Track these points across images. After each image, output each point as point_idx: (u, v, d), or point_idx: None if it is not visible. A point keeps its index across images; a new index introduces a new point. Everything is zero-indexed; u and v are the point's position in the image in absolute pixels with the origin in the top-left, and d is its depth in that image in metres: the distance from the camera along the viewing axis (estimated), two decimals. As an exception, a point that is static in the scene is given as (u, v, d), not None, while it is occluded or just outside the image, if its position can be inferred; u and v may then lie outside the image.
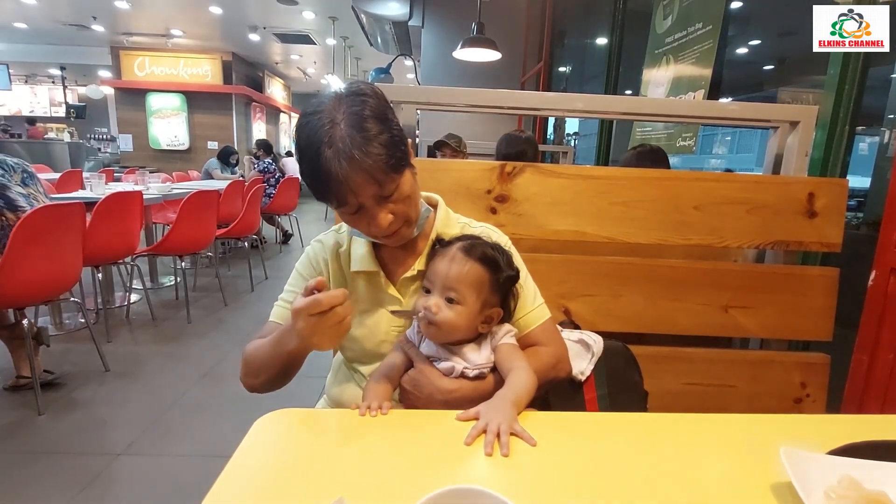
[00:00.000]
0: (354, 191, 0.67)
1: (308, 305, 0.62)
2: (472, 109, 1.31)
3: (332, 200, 0.70)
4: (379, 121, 0.68)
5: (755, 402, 1.20)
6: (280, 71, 10.87)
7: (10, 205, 1.91)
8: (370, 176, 0.67)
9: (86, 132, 10.75)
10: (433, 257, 0.77)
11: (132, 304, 3.38)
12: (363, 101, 0.68)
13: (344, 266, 0.85)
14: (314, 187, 0.70)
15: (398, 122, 0.72)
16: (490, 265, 0.75)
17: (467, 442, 0.60)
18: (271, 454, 0.58)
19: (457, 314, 0.73)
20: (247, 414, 0.63)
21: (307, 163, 0.68)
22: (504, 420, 0.61)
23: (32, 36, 8.16)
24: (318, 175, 0.67)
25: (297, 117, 0.75)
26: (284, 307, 0.84)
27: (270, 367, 0.75)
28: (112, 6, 6.44)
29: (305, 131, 0.68)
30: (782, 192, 1.19)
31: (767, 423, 0.69)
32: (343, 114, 0.67)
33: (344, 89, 0.71)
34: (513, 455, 0.58)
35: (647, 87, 2.98)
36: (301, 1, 5.91)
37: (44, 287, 2.07)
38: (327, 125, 0.66)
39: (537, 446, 0.60)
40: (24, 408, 2.01)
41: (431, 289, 0.75)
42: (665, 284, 1.20)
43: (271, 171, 5.73)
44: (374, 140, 0.66)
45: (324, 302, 0.61)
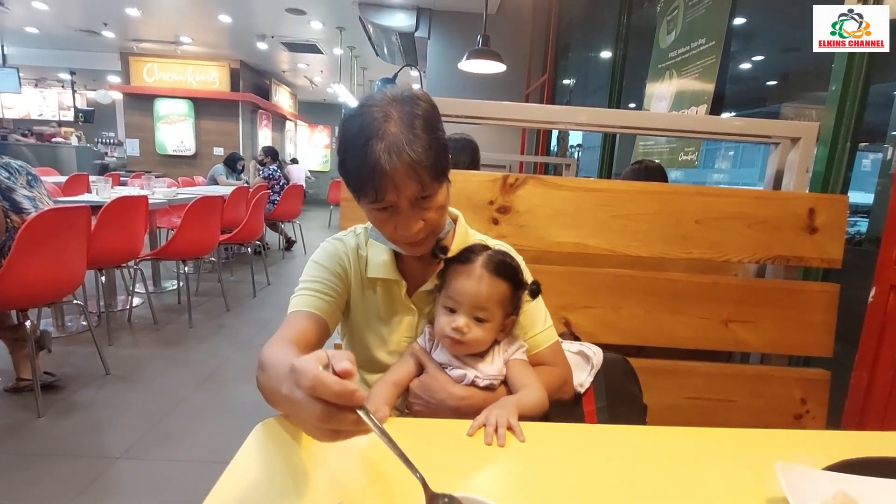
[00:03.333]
0: (398, 186, 0.67)
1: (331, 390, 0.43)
2: (477, 121, 1.32)
3: (371, 193, 0.68)
4: (430, 126, 0.69)
5: (755, 417, 1.19)
6: (287, 79, 10.98)
7: (16, 207, 1.93)
8: (416, 175, 0.67)
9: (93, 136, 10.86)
10: (452, 273, 0.77)
11: (134, 307, 3.40)
12: (417, 103, 0.69)
13: (363, 270, 0.84)
14: (355, 177, 0.69)
15: (444, 131, 0.73)
16: (513, 280, 0.78)
17: (469, 433, 0.64)
18: (270, 460, 0.59)
19: (485, 331, 0.75)
20: (246, 419, 0.63)
21: (354, 152, 0.67)
22: (503, 414, 0.65)
23: (43, 41, 8.27)
24: (364, 165, 0.66)
25: (345, 113, 0.75)
26: (311, 295, 0.79)
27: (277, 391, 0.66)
28: (123, 13, 6.54)
29: (357, 122, 0.68)
30: (783, 208, 1.19)
31: (766, 438, 0.69)
32: (397, 112, 0.67)
33: (397, 91, 0.71)
34: (511, 465, 0.59)
35: (650, 101, 3.00)
36: (309, 11, 5.99)
37: (47, 289, 2.08)
38: (381, 119, 0.66)
39: (535, 456, 0.61)
40: (23, 410, 2.02)
41: (457, 308, 0.75)
42: (665, 297, 1.20)
43: (276, 177, 5.77)
44: (425, 142, 0.67)
45: (335, 391, 0.43)
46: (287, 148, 12.08)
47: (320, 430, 0.45)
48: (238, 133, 9.29)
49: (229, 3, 6.02)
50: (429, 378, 0.76)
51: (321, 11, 6.04)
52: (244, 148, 9.23)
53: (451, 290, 0.76)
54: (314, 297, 0.78)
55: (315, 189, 11.50)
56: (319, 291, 0.79)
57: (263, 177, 5.76)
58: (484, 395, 0.76)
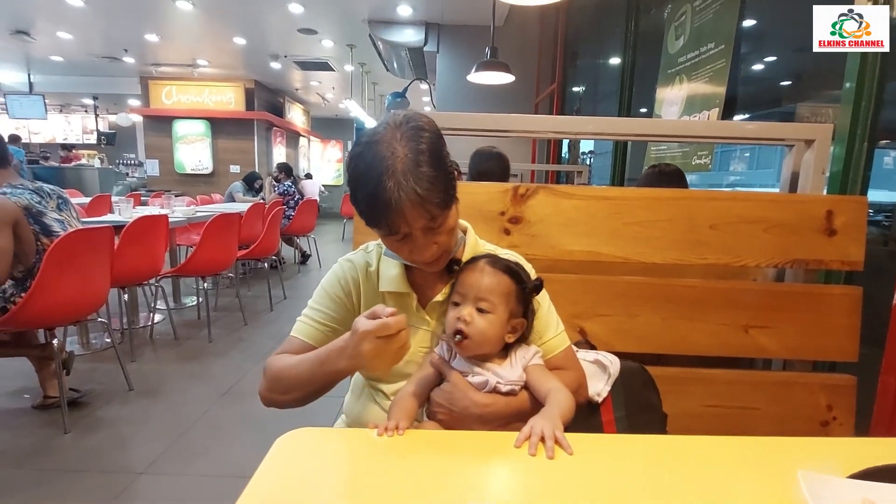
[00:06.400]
0: (408, 221, 0.70)
1: (377, 328, 0.65)
2: (488, 134, 1.34)
3: (384, 227, 0.72)
4: (435, 158, 0.71)
5: (780, 425, 1.16)
6: (300, 96, 11.21)
7: (46, 230, 2.00)
8: (424, 210, 0.69)
9: (115, 158, 11.21)
10: (459, 274, 0.80)
11: (156, 323, 3.47)
12: (421, 135, 0.71)
13: (374, 285, 0.87)
14: (367, 213, 0.73)
15: (450, 156, 0.75)
16: (515, 276, 0.79)
17: (516, 444, 0.64)
18: (292, 473, 0.60)
19: (489, 322, 0.76)
20: (265, 434, 0.65)
21: (364, 190, 0.70)
22: (548, 426, 0.65)
23: (68, 68, 8.59)
24: (374, 203, 0.69)
25: (353, 143, 0.79)
26: (308, 324, 0.86)
27: (307, 386, 0.77)
28: (143, 39, 6.77)
29: (365, 159, 0.70)
30: (800, 211, 1.18)
31: (790, 446, 0.68)
32: (402, 147, 0.69)
33: (401, 119, 0.72)
34: (529, 477, 0.59)
35: (661, 106, 2.99)
36: (320, 30, 6.12)
37: (74, 308, 2.14)
38: (388, 156, 0.68)
39: (556, 468, 0.60)
40: (50, 426, 2.07)
41: (462, 301, 0.78)
42: (682, 304, 1.19)
43: (291, 193, 5.87)
44: (432, 177, 0.69)
45: (392, 326, 0.65)
46: (301, 163, 12.28)
47: (393, 356, 0.67)
48: (253, 150, 9.49)
49: (244, 25, 6.20)
50: (450, 386, 0.77)
51: (332, 30, 6.17)
52: (259, 165, 9.41)
53: (457, 286, 0.80)
54: (310, 327, 0.85)
55: (329, 203, 11.65)
56: (317, 321, 0.86)
57: (279, 193, 5.87)
58: (507, 402, 0.76)
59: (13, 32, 6.37)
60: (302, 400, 0.80)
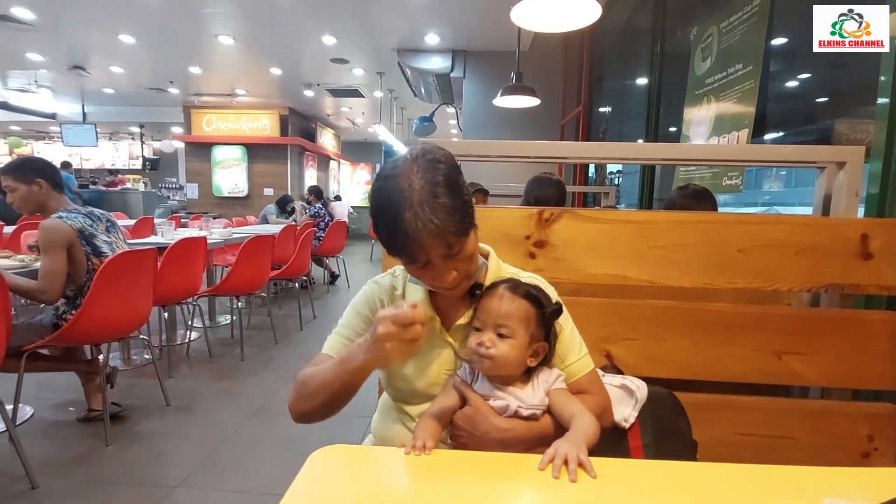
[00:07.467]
0: (426, 250, 0.74)
1: (394, 314, 0.69)
2: (514, 160, 1.37)
3: (405, 257, 0.76)
4: (451, 188, 0.74)
5: (817, 455, 1.12)
6: (331, 122, 11.62)
7: (96, 251, 2.14)
8: (442, 239, 0.73)
9: (157, 182, 11.85)
10: (480, 298, 0.82)
11: (192, 341, 3.60)
12: (437, 167, 0.74)
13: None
14: (389, 244, 0.76)
15: (466, 185, 0.78)
16: (534, 301, 0.81)
17: (541, 467, 0.65)
18: (326, 487, 0.62)
19: (509, 346, 0.77)
20: (294, 452, 0.68)
21: (385, 222, 0.74)
22: (572, 449, 0.66)
23: (117, 99, 9.22)
24: (395, 234, 0.73)
25: (374, 178, 0.83)
26: (339, 340, 0.89)
27: (330, 389, 0.79)
28: (187, 71, 7.21)
29: (384, 194, 0.74)
30: (833, 234, 1.15)
31: (826, 476, 0.66)
32: (419, 179, 0.73)
33: (418, 152, 0.77)
34: (553, 499, 0.59)
35: (689, 127, 2.97)
36: (352, 60, 6.39)
37: (119, 325, 2.26)
38: (406, 190, 0.72)
39: (580, 491, 0.61)
40: (93, 438, 2.16)
41: (483, 327, 0.80)
42: (711, 329, 1.17)
43: (321, 215, 6.05)
44: (448, 208, 0.72)
45: (408, 315, 0.68)
46: (331, 185, 12.64)
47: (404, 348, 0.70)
48: (286, 174, 9.85)
49: (280, 56, 6.53)
50: (472, 410, 0.78)
51: (363, 59, 6.42)
52: (292, 188, 9.75)
53: (478, 311, 0.82)
54: (339, 343, 0.89)
55: (357, 224, 11.90)
56: (345, 337, 0.89)
57: (310, 215, 6.05)
58: (528, 426, 0.77)
59: (71, 67, 6.91)
60: (327, 407, 0.81)
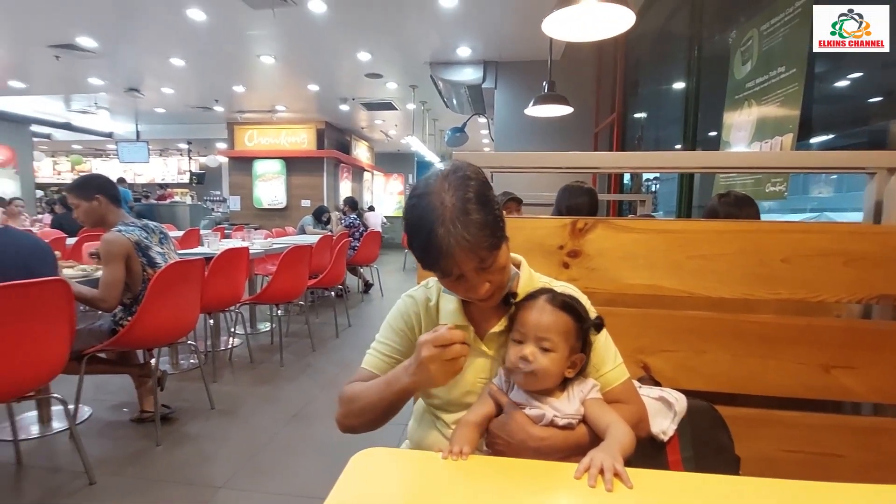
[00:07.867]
0: (459, 264, 0.76)
1: (433, 337, 0.74)
2: (546, 171, 1.38)
3: (438, 271, 0.80)
4: (482, 204, 0.76)
5: (868, 474, 1.06)
6: (365, 134, 11.92)
7: (151, 262, 2.28)
8: (474, 253, 0.75)
9: (203, 195, 12.46)
10: (519, 310, 0.83)
11: (235, 347, 3.75)
12: (468, 184, 0.77)
13: (434, 319, 0.93)
14: (423, 259, 0.80)
15: (496, 199, 0.81)
16: (574, 314, 0.82)
17: (576, 476, 0.66)
18: (368, 488, 0.65)
19: (551, 360, 0.78)
20: (331, 457, 0.72)
21: (419, 238, 0.77)
22: (608, 458, 0.66)
23: (167, 118, 9.82)
24: (429, 250, 0.76)
25: (407, 195, 0.87)
26: (375, 356, 0.93)
27: (376, 408, 0.84)
28: (231, 90, 7.60)
29: (418, 211, 0.77)
30: (884, 243, 1.11)
31: (874, 495, 0.64)
32: (450, 196, 0.75)
33: (449, 169, 0.79)
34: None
35: (728, 132, 2.89)
36: (385, 74, 6.56)
37: (170, 331, 2.40)
38: (438, 208, 0.75)
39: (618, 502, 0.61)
40: (145, 438, 2.29)
41: (524, 340, 0.80)
42: (753, 341, 1.14)
43: (356, 225, 6.20)
44: (479, 223, 0.75)
45: (447, 336, 0.73)
46: (365, 196, 12.92)
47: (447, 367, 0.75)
48: (322, 186, 10.16)
49: (317, 73, 6.79)
50: (508, 418, 0.79)
51: (396, 73, 6.58)
52: (327, 199, 10.04)
53: (518, 324, 0.82)
54: (377, 359, 0.93)
55: (390, 234, 12.09)
56: (382, 353, 0.93)
57: (345, 225, 6.21)
58: (564, 436, 0.78)
59: (127, 90, 7.42)
60: (373, 422, 0.86)
